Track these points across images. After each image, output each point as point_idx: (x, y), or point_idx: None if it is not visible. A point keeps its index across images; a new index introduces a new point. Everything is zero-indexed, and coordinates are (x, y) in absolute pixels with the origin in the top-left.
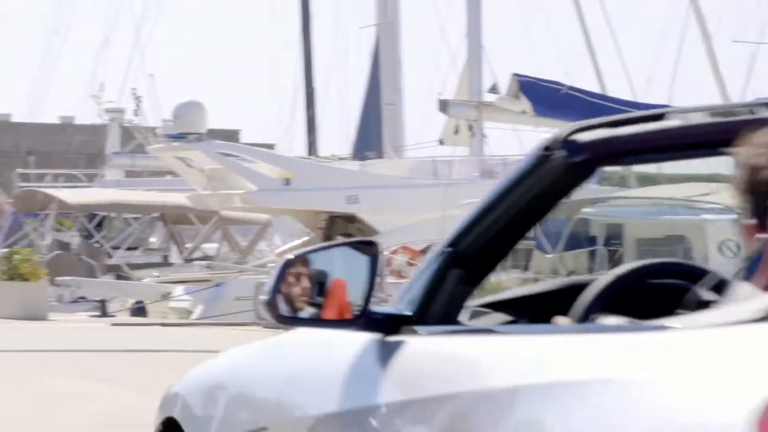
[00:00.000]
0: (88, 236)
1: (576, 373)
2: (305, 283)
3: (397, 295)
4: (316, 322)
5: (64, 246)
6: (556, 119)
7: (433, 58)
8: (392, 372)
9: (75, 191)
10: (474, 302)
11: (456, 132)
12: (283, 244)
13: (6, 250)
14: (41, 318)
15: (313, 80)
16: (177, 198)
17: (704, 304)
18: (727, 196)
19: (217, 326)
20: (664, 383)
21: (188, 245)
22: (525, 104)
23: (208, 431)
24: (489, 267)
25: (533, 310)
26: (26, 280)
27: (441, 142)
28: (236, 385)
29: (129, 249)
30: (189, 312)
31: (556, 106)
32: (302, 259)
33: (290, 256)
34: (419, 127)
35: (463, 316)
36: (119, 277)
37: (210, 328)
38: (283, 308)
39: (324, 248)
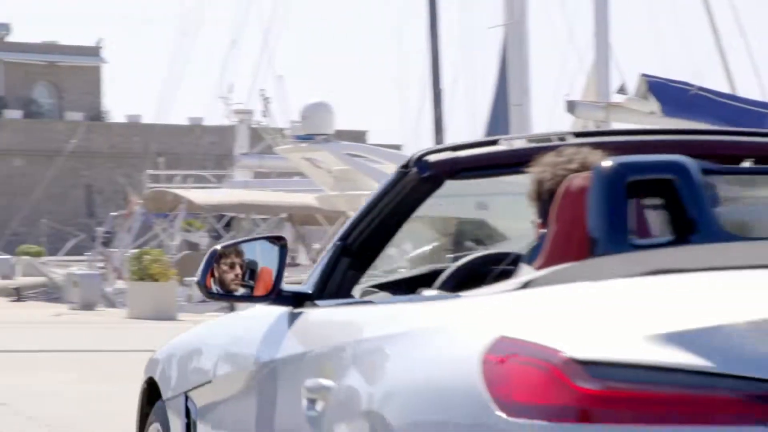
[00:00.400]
0: (216, 237)
1: (406, 326)
2: (238, 270)
3: (306, 277)
4: (236, 297)
5: (193, 246)
6: (685, 120)
7: (561, 58)
8: (296, 333)
9: (204, 192)
10: (367, 284)
11: None
12: (413, 248)
13: (136, 250)
14: (171, 318)
15: (440, 81)
16: (304, 199)
17: (498, 279)
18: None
19: None
20: (445, 330)
21: (315, 246)
22: (653, 105)
23: (171, 386)
24: (371, 258)
25: (407, 289)
26: (156, 280)
27: None
28: (193, 351)
29: None
30: None
31: (685, 107)
32: (233, 250)
33: (217, 246)
34: (546, 128)
35: (357, 294)
36: None
37: None
38: (214, 288)
39: (246, 241)
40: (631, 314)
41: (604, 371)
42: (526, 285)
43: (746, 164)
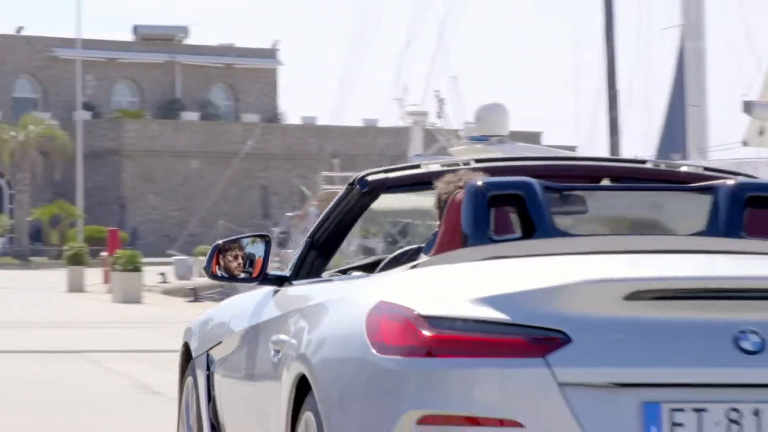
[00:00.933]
0: (392, 242)
1: (334, 296)
2: (240, 260)
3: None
4: (235, 280)
5: (368, 251)
6: None
7: (738, 58)
8: (274, 303)
9: None
10: (333, 269)
11: (760, 133)
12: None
13: None
14: None
15: (615, 81)
16: None
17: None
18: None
19: None
20: (354, 298)
21: None
22: None
23: (198, 347)
24: (331, 250)
25: (362, 271)
26: None
27: (744, 144)
28: (213, 321)
29: None
30: None
31: None
32: (236, 245)
33: (219, 242)
34: (723, 128)
35: (328, 275)
36: None
37: None
38: (219, 272)
39: (243, 238)
40: (464, 285)
41: (440, 323)
42: (413, 267)
43: (605, 182)
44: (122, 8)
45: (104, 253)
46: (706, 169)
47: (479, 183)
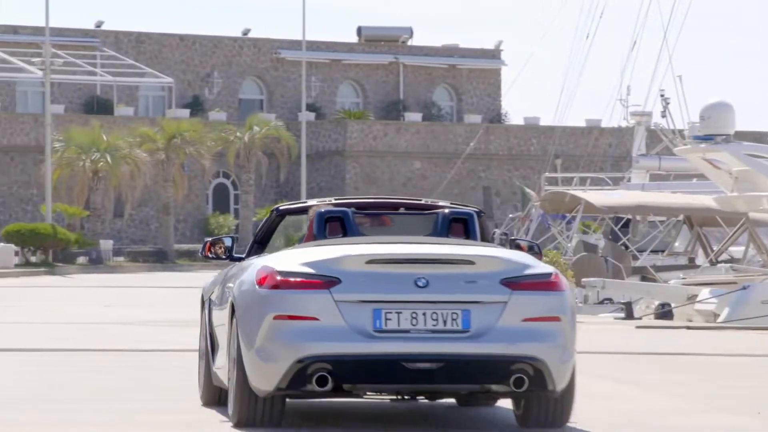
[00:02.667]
0: (614, 238)
1: (252, 263)
2: (222, 248)
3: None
4: (217, 259)
5: (589, 248)
6: None
7: None
8: (233, 269)
9: (601, 193)
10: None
11: None
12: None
13: None
14: None
15: None
16: (703, 200)
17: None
18: None
19: (743, 330)
20: (258, 264)
21: (714, 247)
22: None
23: (205, 297)
24: (263, 245)
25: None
26: None
27: None
28: (212, 281)
29: (654, 252)
30: (715, 315)
31: None
32: (219, 241)
33: (208, 239)
34: None
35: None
36: (645, 279)
37: (736, 332)
38: (209, 254)
39: (223, 237)
40: (300, 256)
41: (284, 273)
42: (296, 246)
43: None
44: (347, 10)
45: None
46: (444, 204)
47: (319, 210)
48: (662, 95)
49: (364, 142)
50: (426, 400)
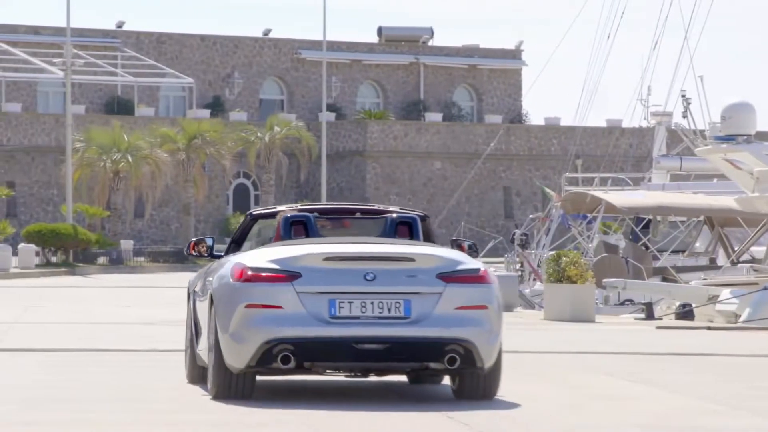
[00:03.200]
0: (634, 239)
1: (229, 260)
2: (205, 247)
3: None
4: (201, 257)
5: (610, 248)
6: None
7: None
8: (213, 265)
9: (622, 194)
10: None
11: None
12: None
13: (553, 252)
14: (588, 320)
15: None
16: (724, 201)
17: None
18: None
19: (764, 330)
20: (234, 260)
21: (736, 248)
22: None
23: (190, 290)
24: (240, 245)
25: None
26: (573, 282)
27: None
28: (196, 275)
29: (675, 252)
30: (736, 316)
31: None
32: (202, 241)
33: (192, 240)
34: None
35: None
36: (665, 279)
37: (757, 332)
38: (194, 253)
39: (205, 238)
40: (268, 254)
41: (254, 269)
42: (265, 245)
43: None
44: (367, 10)
45: None
46: (393, 210)
47: (287, 215)
48: (683, 96)
49: (384, 142)
50: (377, 378)
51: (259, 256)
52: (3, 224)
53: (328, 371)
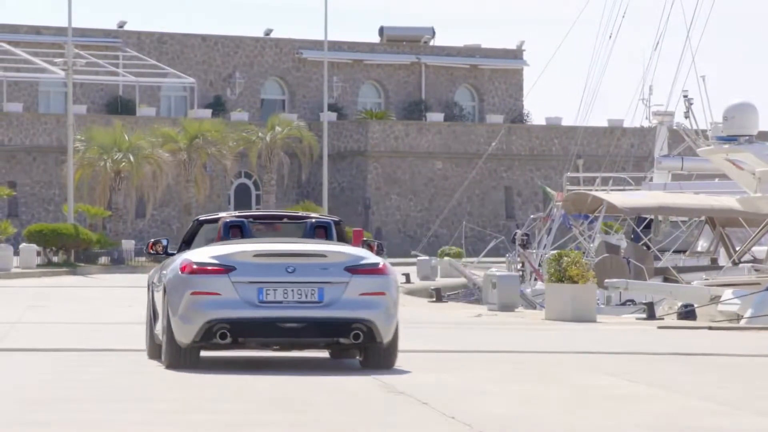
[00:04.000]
0: (635, 239)
1: (179, 257)
2: (161, 247)
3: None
4: (157, 255)
5: (611, 248)
6: None
7: None
8: (167, 262)
9: (623, 194)
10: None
11: None
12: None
13: (555, 252)
14: (589, 320)
15: None
16: (726, 201)
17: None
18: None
19: (767, 331)
20: (183, 257)
21: (738, 248)
22: None
23: (148, 282)
24: (189, 245)
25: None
26: (574, 282)
27: None
28: (156, 269)
29: (676, 252)
30: (739, 316)
31: None
32: (159, 241)
33: (150, 240)
34: None
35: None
36: (667, 280)
37: (759, 333)
38: (152, 251)
39: (161, 239)
40: (209, 252)
41: (199, 263)
42: (209, 245)
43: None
44: (369, 10)
45: None
46: (313, 215)
47: (227, 220)
48: (685, 96)
49: (385, 142)
50: (300, 353)
51: (202, 254)
52: (4, 224)
53: (258, 346)
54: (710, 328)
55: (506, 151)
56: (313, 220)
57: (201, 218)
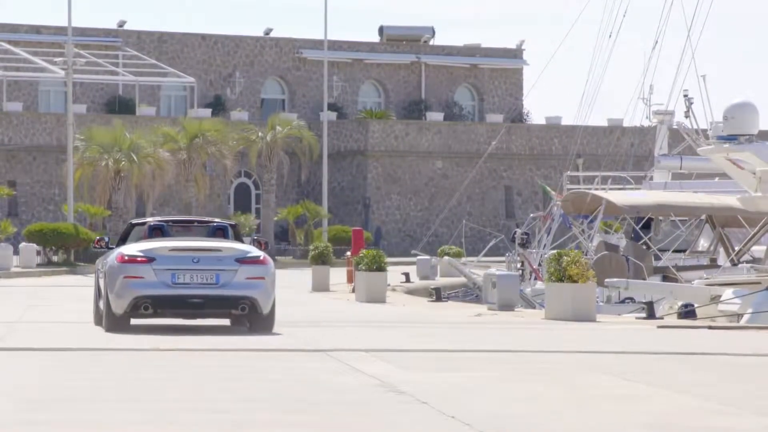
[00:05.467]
0: (635, 238)
1: (117, 249)
2: (105, 242)
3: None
4: (101, 248)
5: (611, 248)
6: None
7: None
8: (108, 254)
9: (623, 193)
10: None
11: None
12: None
13: (554, 251)
14: (589, 319)
15: None
16: (726, 200)
17: None
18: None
19: (766, 330)
20: (120, 250)
21: (736, 247)
22: None
23: (95, 268)
24: (125, 242)
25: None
26: (574, 281)
27: None
28: (100, 260)
29: (676, 251)
30: (738, 315)
31: None
32: (102, 239)
33: (97, 237)
34: None
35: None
36: (666, 279)
37: (759, 332)
38: (97, 246)
39: (105, 236)
40: (136, 247)
41: (129, 256)
42: (137, 242)
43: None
44: (369, 9)
45: (348, 253)
46: (217, 220)
47: (151, 223)
48: (686, 95)
49: (385, 141)
50: (207, 322)
51: (132, 248)
52: (4, 223)
53: (172, 316)
54: (710, 327)
55: (506, 150)
56: (215, 224)
57: (133, 222)
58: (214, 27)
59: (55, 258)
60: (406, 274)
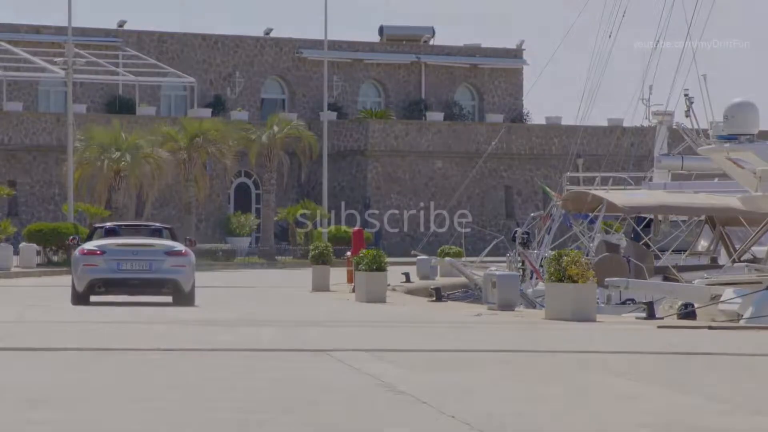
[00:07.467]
0: (635, 238)
1: (87, 246)
2: (78, 241)
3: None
4: (74, 245)
5: (611, 248)
6: None
7: None
8: (77, 249)
9: (623, 193)
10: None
11: None
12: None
13: (555, 251)
14: (589, 319)
15: None
16: (726, 200)
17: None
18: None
19: (766, 330)
20: (89, 245)
21: (737, 246)
22: None
23: (71, 261)
24: (91, 239)
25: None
26: (574, 281)
27: None
28: (73, 254)
29: (676, 251)
30: (739, 315)
31: None
32: (75, 238)
33: (71, 237)
34: None
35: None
36: (667, 279)
37: (759, 332)
38: (71, 243)
39: (77, 235)
40: (94, 243)
41: (88, 250)
42: (97, 240)
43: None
44: (368, 9)
45: (348, 253)
46: (157, 224)
47: (106, 226)
48: (686, 95)
49: (385, 141)
50: (150, 299)
51: (91, 244)
52: (4, 223)
53: (118, 293)
54: (710, 327)
55: (506, 150)
56: (154, 227)
57: (96, 225)
58: (213, 27)
59: (55, 258)
60: (406, 274)
